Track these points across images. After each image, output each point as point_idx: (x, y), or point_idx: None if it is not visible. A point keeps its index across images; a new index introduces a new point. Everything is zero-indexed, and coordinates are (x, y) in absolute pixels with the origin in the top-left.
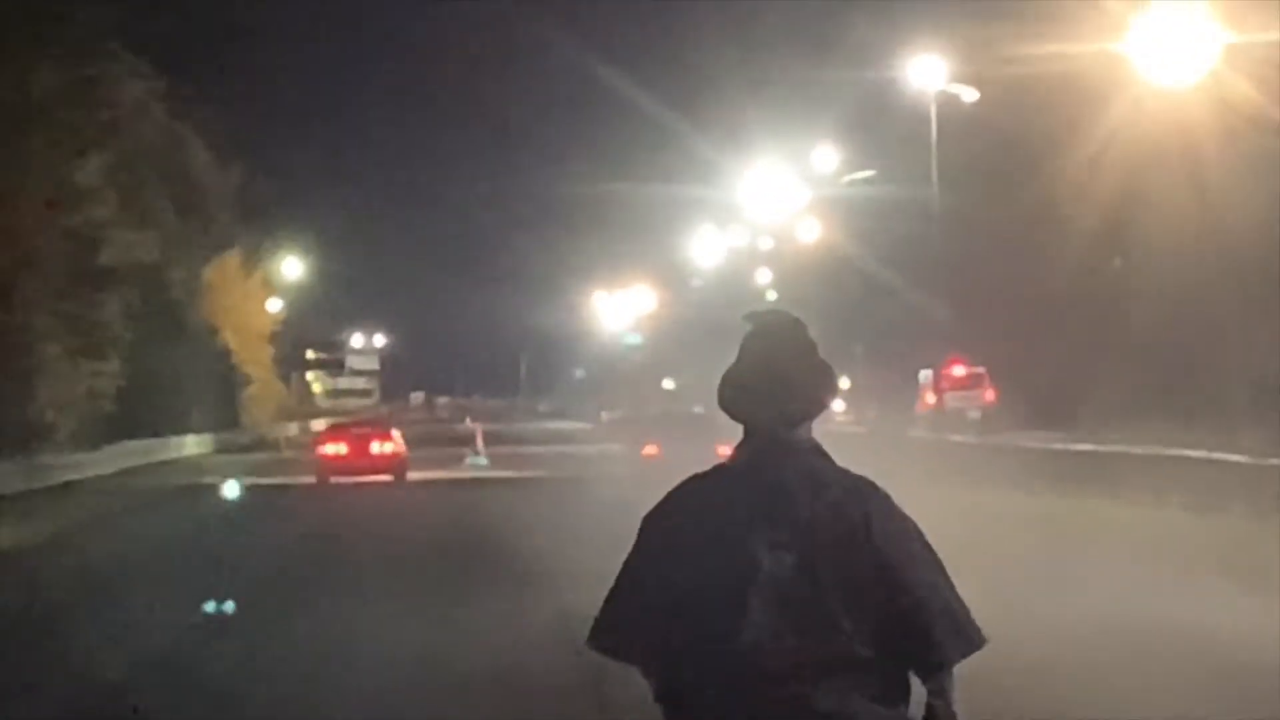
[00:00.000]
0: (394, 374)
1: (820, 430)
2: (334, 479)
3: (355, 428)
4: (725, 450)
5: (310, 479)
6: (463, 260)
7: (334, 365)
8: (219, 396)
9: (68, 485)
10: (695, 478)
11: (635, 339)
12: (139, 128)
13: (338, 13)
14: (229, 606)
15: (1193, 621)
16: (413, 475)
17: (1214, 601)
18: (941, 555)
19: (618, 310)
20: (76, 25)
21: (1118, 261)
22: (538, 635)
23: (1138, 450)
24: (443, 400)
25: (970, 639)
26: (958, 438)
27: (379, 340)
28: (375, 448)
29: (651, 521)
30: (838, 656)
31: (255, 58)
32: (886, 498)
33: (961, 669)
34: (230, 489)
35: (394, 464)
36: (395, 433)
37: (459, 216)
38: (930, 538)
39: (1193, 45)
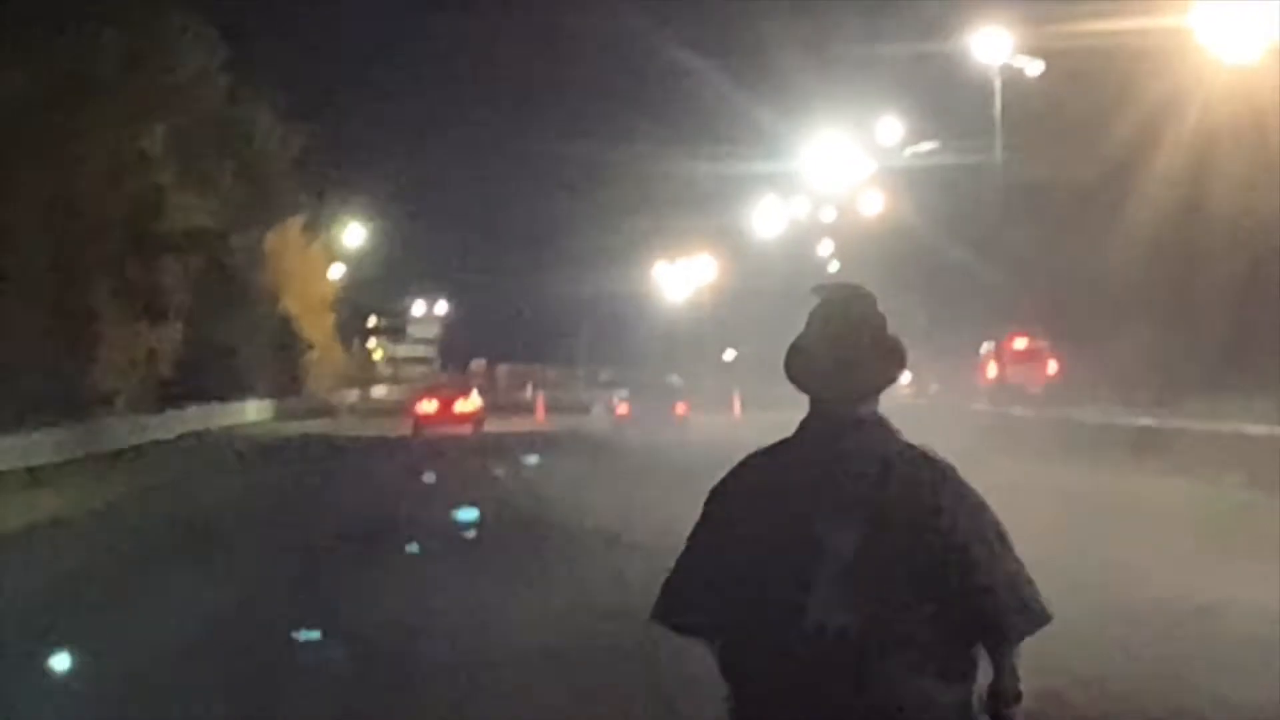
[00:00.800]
0: (455, 341)
1: (883, 403)
2: (426, 430)
3: (443, 389)
4: (681, 409)
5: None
6: (524, 230)
7: (395, 332)
8: (280, 363)
9: (138, 448)
10: (759, 452)
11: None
12: (201, 95)
13: None
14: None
15: (1252, 602)
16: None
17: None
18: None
19: (679, 280)
20: None
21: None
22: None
23: (1199, 425)
24: (503, 368)
25: (1035, 615)
26: (1019, 411)
27: (440, 308)
28: (458, 406)
29: (716, 496)
30: (902, 634)
31: (318, 25)
32: (953, 472)
33: (1027, 644)
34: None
35: (474, 418)
36: (474, 393)
37: (520, 186)
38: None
39: (1258, 19)
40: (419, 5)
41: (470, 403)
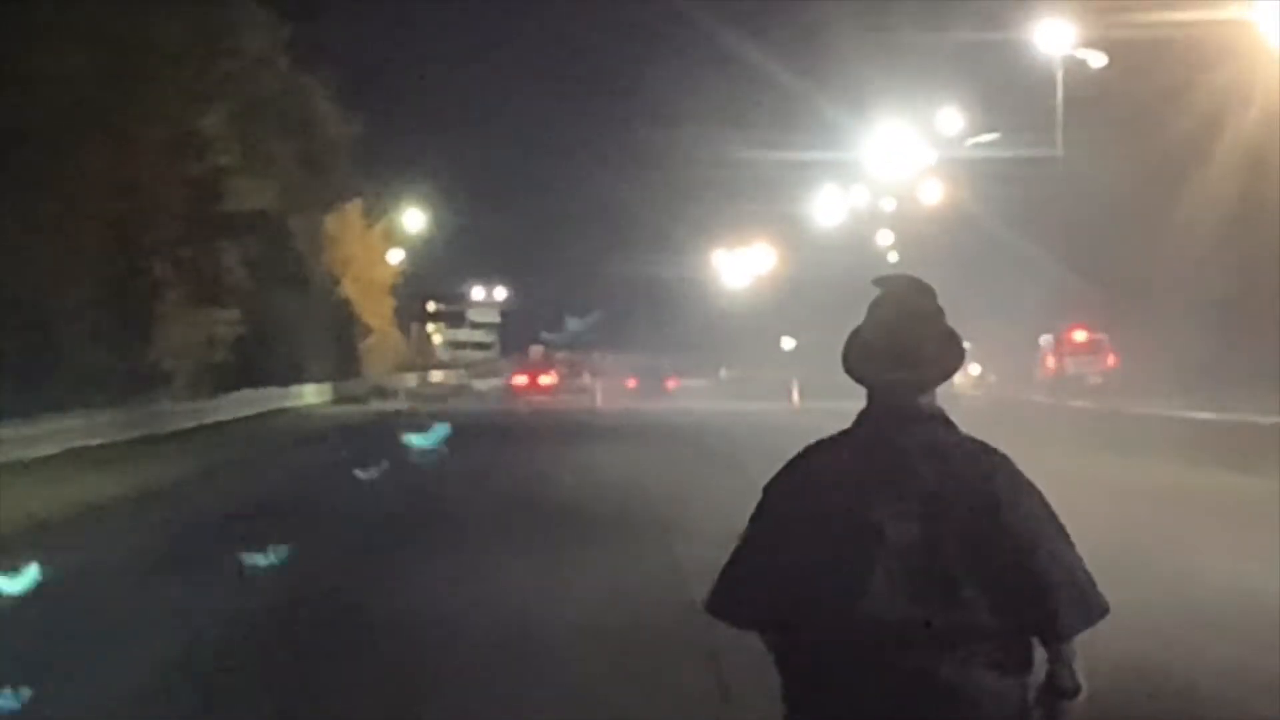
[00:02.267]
0: (514, 327)
1: (940, 395)
2: (521, 397)
3: (532, 368)
4: (671, 384)
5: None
6: (584, 216)
7: (454, 317)
8: (338, 346)
9: (200, 428)
10: (817, 445)
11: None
12: (262, 77)
13: None
14: None
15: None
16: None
17: None
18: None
19: (738, 267)
20: None
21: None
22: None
23: (1262, 420)
24: (561, 355)
25: (1092, 608)
26: (1079, 403)
27: (499, 293)
28: (542, 380)
29: (773, 489)
30: (960, 627)
31: (379, 9)
32: (1010, 464)
33: (1085, 636)
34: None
35: (554, 389)
36: (554, 371)
37: (580, 174)
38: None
39: None
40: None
41: (551, 378)
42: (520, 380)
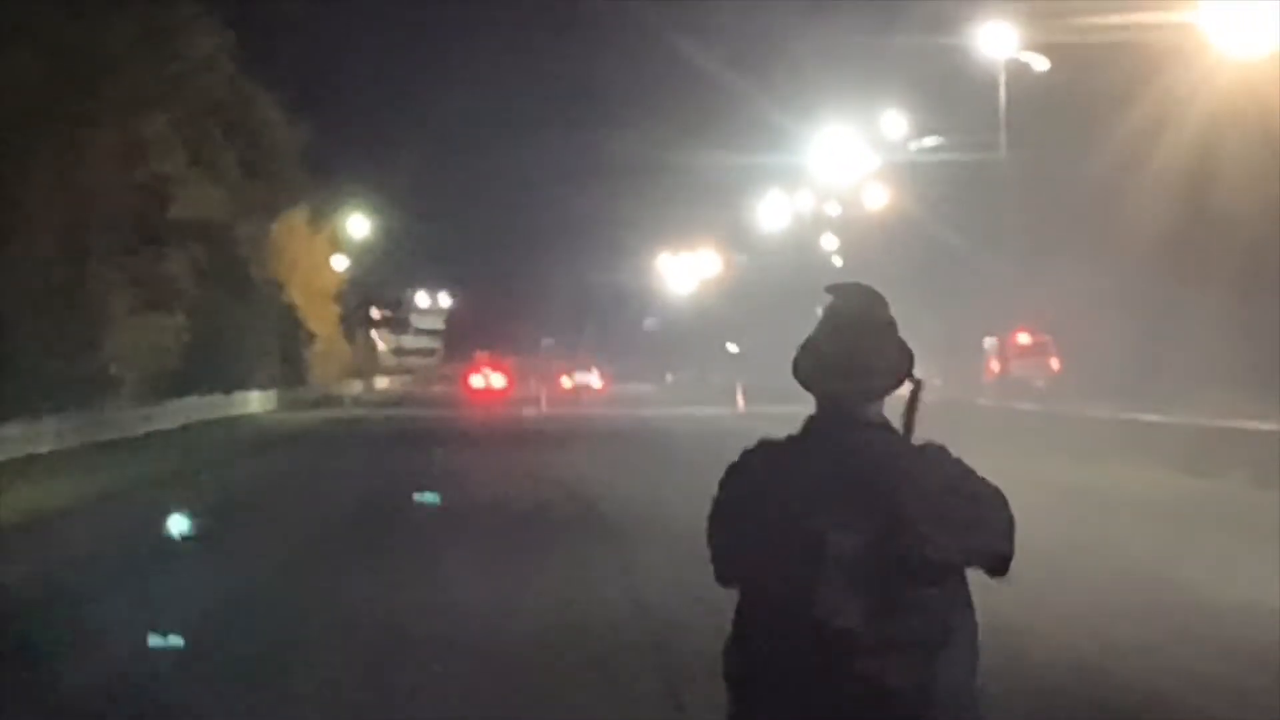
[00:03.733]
0: (459, 333)
1: (888, 399)
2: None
3: (485, 369)
4: (600, 384)
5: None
6: (528, 221)
7: (399, 324)
8: (284, 353)
9: (145, 437)
10: (767, 444)
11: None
12: (208, 82)
13: None
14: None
15: (1252, 599)
16: None
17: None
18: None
19: (682, 272)
20: None
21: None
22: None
23: (1205, 422)
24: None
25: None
26: (1024, 406)
27: (444, 299)
28: (496, 381)
29: (727, 483)
30: (907, 633)
31: (324, 15)
32: (948, 454)
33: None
34: None
35: (506, 391)
36: (506, 373)
37: (525, 178)
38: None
39: (1265, 17)
40: (429, 3)
41: (504, 378)
42: (474, 381)
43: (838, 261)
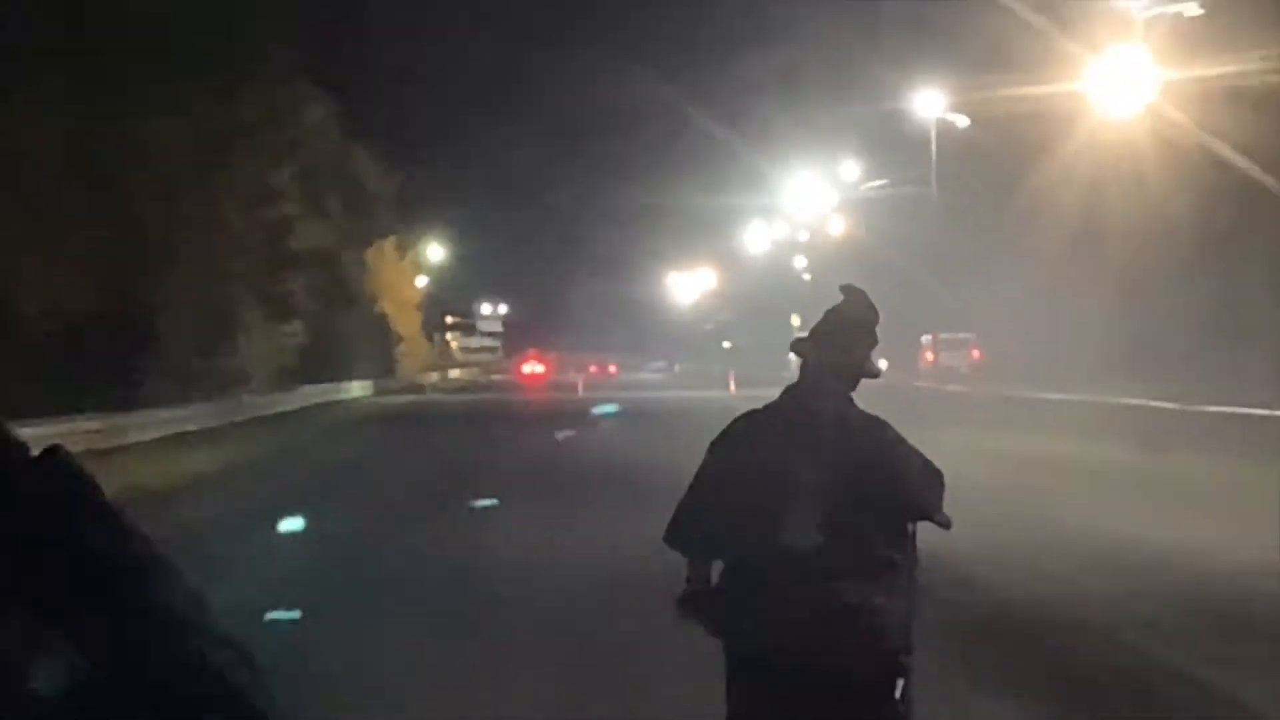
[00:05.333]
0: (514, 335)
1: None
2: (524, 381)
3: (533, 361)
4: (614, 369)
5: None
6: (567, 248)
7: (467, 328)
8: (378, 352)
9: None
10: (750, 413)
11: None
12: (319, 143)
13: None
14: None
15: (1146, 539)
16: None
17: (1162, 524)
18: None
19: (687, 287)
20: (271, 62)
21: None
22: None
23: (1096, 399)
24: (553, 355)
25: (941, 493)
26: (952, 388)
27: (502, 309)
28: (539, 369)
29: (715, 446)
30: (863, 558)
31: (408, 88)
32: (890, 428)
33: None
34: None
35: (546, 375)
36: (547, 365)
37: (564, 215)
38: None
39: (1135, 83)
40: (485, 81)
41: (544, 365)
42: (526, 369)
43: (807, 278)
